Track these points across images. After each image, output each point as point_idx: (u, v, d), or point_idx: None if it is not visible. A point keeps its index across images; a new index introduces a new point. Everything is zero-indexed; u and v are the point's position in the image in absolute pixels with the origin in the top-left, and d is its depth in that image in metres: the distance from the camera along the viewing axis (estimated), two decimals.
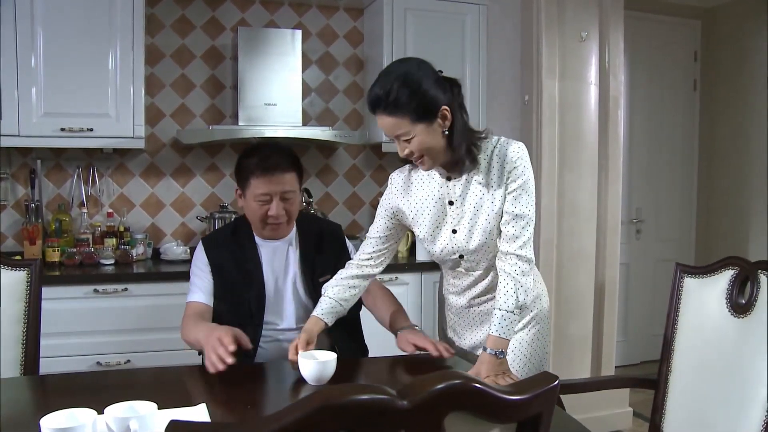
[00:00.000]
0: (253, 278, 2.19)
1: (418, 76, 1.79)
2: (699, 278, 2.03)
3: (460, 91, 1.89)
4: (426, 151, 1.84)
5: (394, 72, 1.82)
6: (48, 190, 3.54)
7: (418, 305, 3.55)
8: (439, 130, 1.82)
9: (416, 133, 1.80)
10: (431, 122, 1.80)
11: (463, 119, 1.87)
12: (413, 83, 1.78)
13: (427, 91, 1.78)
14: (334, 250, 2.30)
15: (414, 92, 1.77)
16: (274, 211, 2.12)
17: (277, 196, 2.11)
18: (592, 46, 3.71)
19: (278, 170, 2.10)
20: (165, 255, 3.54)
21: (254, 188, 2.11)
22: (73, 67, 3.24)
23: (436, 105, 1.80)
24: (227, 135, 3.50)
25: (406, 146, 1.84)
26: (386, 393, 0.82)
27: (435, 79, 1.82)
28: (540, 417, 0.98)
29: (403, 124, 1.79)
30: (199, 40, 3.77)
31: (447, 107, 1.81)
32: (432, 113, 1.80)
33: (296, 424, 0.78)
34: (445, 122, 1.82)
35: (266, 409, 1.67)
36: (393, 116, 1.79)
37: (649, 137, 4.75)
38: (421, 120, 1.79)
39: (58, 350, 2.93)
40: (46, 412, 1.34)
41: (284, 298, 2.22)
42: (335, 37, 4.00)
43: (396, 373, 2.01)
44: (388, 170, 4.09)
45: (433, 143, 1.83)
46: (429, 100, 1.79)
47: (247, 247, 2.23)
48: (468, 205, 1.94)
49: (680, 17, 4.79)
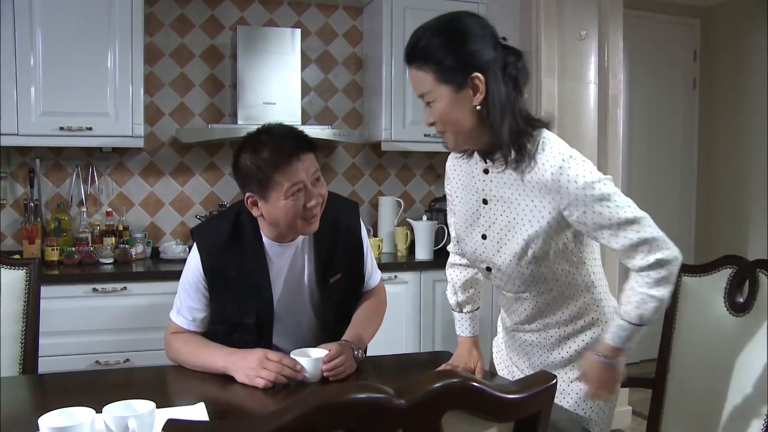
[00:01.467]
0: (262, 290, 1.93)
1: (461, 27, 1.50)
2: (697, 277, 2.03)
3: (518, 64, 1.53)
4: (447, 124, 1.53)
5: (438, 19, 1.53)
6: (47, 189, 3.54)
7: (417, 304, 3.55)
8: (468, 102, 1.50)
9: (438, 97, 1.50)
10: (459, 88, 1.48)
11: (507, 95, 1.50)
12: (451, 32, 1.49)
13: (463, 46, 1.48)
14: (349, 241, 2.03)
15: (447, 43, 1.48)
16: (312, 200, 1.82)
17: (309, 181, 1.81)
18: (592, 45, 3.71)
19: (300, 153, 1.80)
20: (164, 254, 3.54)
21: (282, 183, 1.78)
22: (71, 66, 3.23)
23: (469, 67, 1.47)
24: (226, 134, 3.49)
25: (429, 112, 1.54)
26: (384, 392, 0.83)
27: (483, 37, 1.50)
28: (538, 416, 0.99)
29: (425, 80, 1.50)
30: (198, 39, 3.76)
31: (481, 75, 1.47)
32: (461, 76, 1.48)
33: (295, 422, 0.78)
34: (477, 94, 1.49)
35: (265, 409, 1.66)
36: (418, 69, 1.51)
37: (649, 136, 4.75)
38: (446, 81, 1.48)
39: (57, 349, 2.93)
40: (44, 411, 1.34)
41: (297, 314, 2.01)
42: (334, 36, 4.00)
43: (394, 372, 2.01)
44: (388, 169, 4.11)
45: (457, 116, 1.51)
46: (462, 58, 1.47)
47: (253, 253, 1.93)
48: (502, 210, 1.62)
49: (679, 16, 4.79)
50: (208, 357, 1.86)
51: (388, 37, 3.69)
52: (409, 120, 3.74)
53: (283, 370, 1.73)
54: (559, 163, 1.50)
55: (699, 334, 2.00)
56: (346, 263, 2.03)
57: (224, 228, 1.95)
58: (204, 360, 1.86)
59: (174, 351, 1.95)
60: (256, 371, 1.73)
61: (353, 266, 2.06)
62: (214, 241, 1.94)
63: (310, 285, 2.00)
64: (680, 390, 2.02)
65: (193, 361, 1.89)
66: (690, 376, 2.00)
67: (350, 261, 2.05)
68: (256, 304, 1.94)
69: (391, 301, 3.50)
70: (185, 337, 1.96)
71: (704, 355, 1.96)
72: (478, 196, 1.67)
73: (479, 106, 1.50)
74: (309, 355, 1.82)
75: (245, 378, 1.75)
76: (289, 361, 1.76)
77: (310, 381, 1.78)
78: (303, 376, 1.77)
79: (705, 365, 1.95)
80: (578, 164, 1.50)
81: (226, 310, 1.95)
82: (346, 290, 2.06)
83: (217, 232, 1.96)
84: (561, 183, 1.49)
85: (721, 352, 1.90)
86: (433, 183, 4.21)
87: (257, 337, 1.95)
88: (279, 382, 1.73)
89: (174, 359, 1.96)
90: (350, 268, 2.05)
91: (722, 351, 1.90)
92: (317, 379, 1.79)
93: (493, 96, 1.49)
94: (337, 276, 2.00)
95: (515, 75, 1.52)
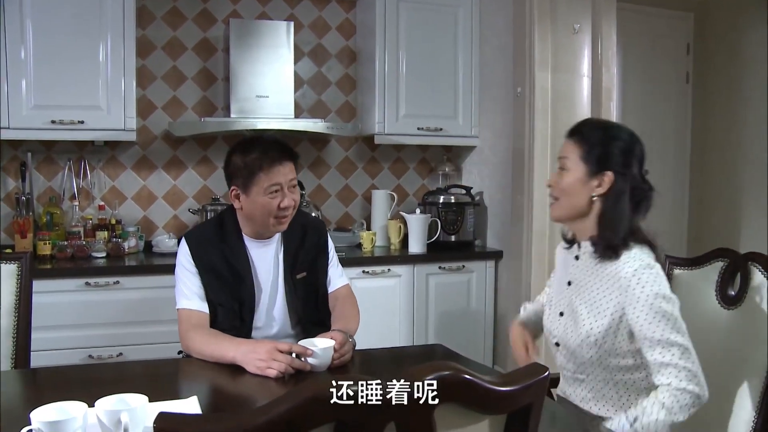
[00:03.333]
0: (244, 281, 2.13)
1: (620, 134, 1.77)
2: (689, 270, 2.04)
3: (647, 194, 1.79)
4: (564, 194, 1.77)
5: (614, 126, 1.84)
6: (39, 182, 3.53)
7: (410, 297, 3.56)
8: (590, 189, 1.74)
9: (572, 166, 1.75)
10: (591, 174, 1.73)
11: (621, 206, 1.73)
12: (611, 134, 1.77)
13: (613, 148, 1.73)
14: (314, 245, 2.26)
15: (604, 139, 1.75)
16: (287, 201, 2.07)
17: (286, 186, 2.08)
18: (585, 39, 3.70)
19: (283, 160, 2.07)
20: (157, 248, 3.53)
21: (265, 181, 2.04)
22: (63, 59, 3.22)
23: (609, 162, 1.72)
24: (219, 127, 3.49)
25: (557, 176, 1.79)
26: None
27: (631, 152, 1.76)
28: (530, 408, 0.99)
29: (573, 150, 1.76)
30: (191, 32, 3.75)
31: (612, 175, 1.72)
32: (601, 165, 1.72)
33: (286, 415, 0.78)
34: (601, 186, 1.73)
35: (258, 402, 1.66)
36: (573, 142, 1.77)
37: (642, 130, 4.64)
38: (587, 160, 1.73)
39: (50, 343, 2.92)
40: (37, 405, 1.33)
41: (276, 302, 2.18)
42: (327, 29, 3.99)
43: (385, 364, 2.01)
44: (381, 162, 4.11)
45: (575, 191, 1.75)
46: (607, 152, 1.73)
47: (235, 247, 2.15)
48: (579, 293, 1.79)
49: (673, 10, 4.79)
50: (219, 348, 1.93)
51: (382, 30, 3.68)
52: (403, 113, 3.74)
53: (292, 362, 1.79)
54: (638, 266, 1.66)
55: (691, 326, 1.99)
56: (310, 263, 2.23)
57: (209, 227, 2.22)
58: (215, 351, 1.93)
59: (189, 343, 2.03)
60: (266, 363, 1.79)
61: (318, 267, 2.25)
62: (201, 236, 2.18)
63: (283, 279, 2.19)
64: None
65: (205, 353, 1.96)
66: None
67: (314, 261, 2.24)
68: (240, 291, 2.12)
69: (385, 294, 3.55)
70: (199, 330, 2.04)
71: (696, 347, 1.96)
72: (566, 279, 1.87)
73: (596, 197, 1.73)
74: (315, 344, 1.85)
75: (256, 369, 1.81)
76: (299, 348, 1.82)
77: (319, 370, 1.82)
78: (312, 365, 1.81)
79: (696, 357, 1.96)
80: (655, 274, 1.65)
81: (211, 296, 2.10)
82: (311, 287, 2.23)
83: (203, 230, 2.24)
84: (631, 284, 1.64)
85: (713, 344, 1.91)
86: (427, 176, 4.22)
87: (240, 322, 2.11)
88: (288, 372, 1.78)
89: (188, 351, 2.04)
90: (315, 269, 2.24)
91: (714, 344, 1.90)
92: (325, 367, 1.83)
93: (612, 197, 1.72)
94: (303, 273, 2.20)
95: (639, 200, 1.77)
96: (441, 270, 3.65)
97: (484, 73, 3.89)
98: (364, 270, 3.48)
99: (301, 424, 0.80)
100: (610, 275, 1.70)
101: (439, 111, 3.83)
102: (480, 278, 3.74)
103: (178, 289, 2.13)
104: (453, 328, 3.65)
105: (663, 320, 1.61)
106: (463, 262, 3.70)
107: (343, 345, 1.91)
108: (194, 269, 2.11)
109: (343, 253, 3.37)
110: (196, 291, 2.10)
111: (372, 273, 3.50)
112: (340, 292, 2.28)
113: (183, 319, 2.08)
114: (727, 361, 1.86)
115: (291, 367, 1.79)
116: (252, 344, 1.89)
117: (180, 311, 2.10)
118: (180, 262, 2.14)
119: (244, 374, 1.83)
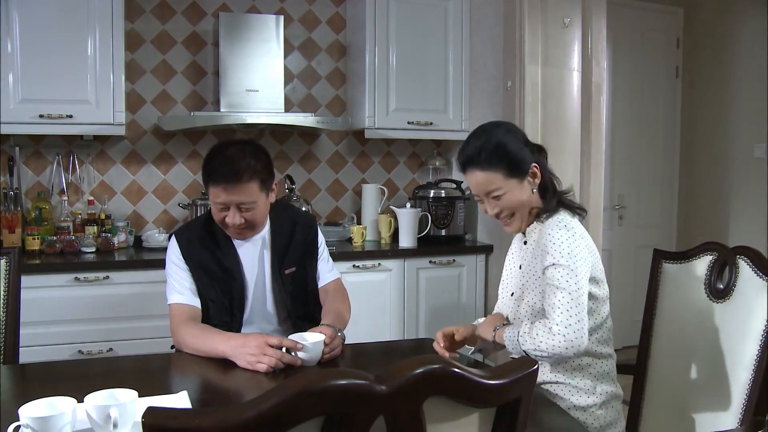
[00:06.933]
0: (234, 277, 2.12)
1: (508, 138, 1.86)
2: (677, 264, 2.05)
3: (546, 156, 1.95)
4: (516, 208, 1.87)
5: (485, 133, 1.88)
6: (27, 177, 3.50)
7: (401, 292, 3.56)
8: (528, 187, 1.87)
9: (508, 189, 1.84)
10: (522, 179, 1.85)
11: (551, 178, 1.92)
12: (499, 141, 1.84)
13: (517, 150, 1.85)
14: (303, 241, 2.24)
15: (506, 151, 1.83)
16: (230, 220, 2.04)
17: (234, 206, 2.02)
18: (575, 33, 3.71)
19: (236, 180, 1.99)
20: (147, 242, 3.52)
21: (212, 195, 2.04)
22: (50, 52, 3.19)
23: (523, 158, 1.85)
24: (209, 121, 3.47)
25: (495, 204, 1.87)
26: (364, 378, 0.83)
27: (524, 140, 1.89)
28: (519, 401, 0.99)
29: (496, 179, 1.83)
30: (180, 26, 3.73)
31: (536, 165, 1.86)
32: (523, 170, 1.84)
33: (275, 409, 0.78)
34: (535, 180, 1.87)
35: (248, 396, 1.66)
36: (486, 171, 1.83)
37: (632, 124, 4.77)
38: (513, 175, 1.83)
39: (39, 339, 2.92)
40: (25, 401, 1.33)
41: (266, 297, 2.19)
42: (317, 23, 3.98)
43: (375, 358, 2.01)
44: (371, 156, 4.10)
45: (524, 198, 1.86)
46: (520, 158, 1.84)
47: (224, 244, 2.14)
48: (528, 276, 1.90)
49: (662, 4, 4.81)
50: (209, 342, 1.92)
51: (372, 24, 3.67)
52: (393, 107, 3.74)
53: (282, 357, 1.80)
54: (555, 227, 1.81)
55: (680, 320, 2.02)
56: (299, 258, 2.22)
57: (198, 224, 2.22)
58: (205, 345, 1.93)
59: (180, 337, 2.03)
60: (256, 357, 1.79)
61: (307, 262, 2.24)
62: (191, 232, 2.18)
63: (271, 275, 2.19)
64: (661, 376, 2.04)
65: (196, 347, 1.96)
66: (671, 362, 2.02)
67: (303, 257, 2.24)
68: (230, 287, 2.12)
69: (375, 288, 3.55)
70: (190, 325, 2.03)
71: (685, 341, 1.98)
72: (517, 263, 2.00)
73: (535, 189, 1.87)
74: (306, 339, 1.86)
75: (246, 364, 1.81)
76: (289, 343, 1.82)
77: (309, 364, 1.83)
78: (302, 360, 1.82)
79: (686, 351, 1.97)
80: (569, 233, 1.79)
81: (202, 291, 2.11)
82: (300, 283, 2.22)
83: (192, 227, 2.24)
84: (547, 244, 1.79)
85: (701, 338, 1.92)
86: (417, 171, 4.21)
87: (230, 317, 2.11)
88: (278, 367, 1.79)
89: (179, 345, 2.04)
90: (304, 264, 2.23)
91: (703, 337, 1.92)
92: (315, 362, 1.84)
93: (545, 177, 1.89)
94: (292, 269, 2.19)
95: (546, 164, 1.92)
96: (431, 264, 3.65)
97: (474, 67, 3.88)
98: (354, 264, 3.48)
99: (291, 418, 0.80)
100: (540, 244, 1.83)
101: (430, 105, 3.83)
102: (470, 272, 3.75)
103: (169, 285, 2.13)
104: (443, 322, 3.59)
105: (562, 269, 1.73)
106: (454, 257, 3.71)
107: (333, 339, 1.91)
108: (184, 266, 2.11)
109: (333, 247, 3.37)
110: (188, 286, 2.10)
111: (362, 267, 3.50)
112: (330, 287, 2.28)
113: (174, 314, 2.08)
114: (715, 354, 1.87)
115: (281, 361, 1.79)
116: (242, 338, 1.88)
117: (171, 306, 2.10)
118: (170, 259, 2.15)
119: (235, 369, 1.83)
